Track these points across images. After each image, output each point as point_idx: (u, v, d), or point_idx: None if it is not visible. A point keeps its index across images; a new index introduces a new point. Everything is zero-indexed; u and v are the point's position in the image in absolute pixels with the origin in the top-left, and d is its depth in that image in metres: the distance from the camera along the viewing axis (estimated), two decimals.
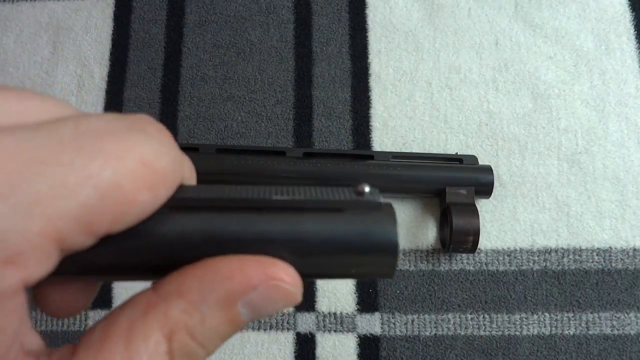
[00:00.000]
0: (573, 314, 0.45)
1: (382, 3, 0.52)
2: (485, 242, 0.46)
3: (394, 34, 0.52)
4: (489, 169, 0.46)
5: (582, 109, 0.50)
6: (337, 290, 0.46)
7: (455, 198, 0.44)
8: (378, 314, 0.45)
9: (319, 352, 0.44)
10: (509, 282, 0.46)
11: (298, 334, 0.45)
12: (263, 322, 0.45)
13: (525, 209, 0.47)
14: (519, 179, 0.48)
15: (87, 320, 0.45)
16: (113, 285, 0.46)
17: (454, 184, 0.45)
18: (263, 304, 0.15)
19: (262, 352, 0.44)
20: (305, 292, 0.45)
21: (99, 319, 0.15)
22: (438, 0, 0.52)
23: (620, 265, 0.46)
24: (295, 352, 0.45)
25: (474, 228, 0.43)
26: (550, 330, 0.45)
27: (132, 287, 0.45)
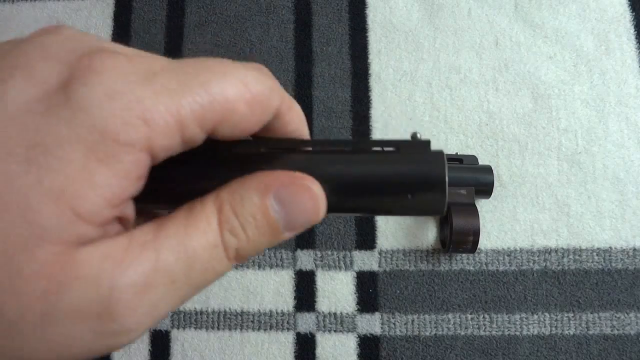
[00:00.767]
0: (573, 314, 0.45)
1: (382, 3, 0.52)
2: (485, 242, 0.46)
3: (394, 34, 0.52)
4: (489, 169, 0.46)
5: (582, 109, 0.50)
6: (337, 291, 0.46)
7: (455, 198, 0.44)
8: (378, 314, 0.45)
9: (319, 352, 0.44)
10: (509, 282, 0.46)
11: (298, 334, 0.45)
12: (263, 322, 0.45)
13: (525, 209, 0.47)
14: (519, 179, 0.48)
15: None
16: None
17: (454, 184, 0.45)
18: (292, 203, 0.19)
19: (262, 352, 0.44)
20: (306, 291, 0.46)
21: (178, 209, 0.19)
22: (438, 0, 0.52)
23: (620, 265, 0.46)
24: (295, 352, 0.45)
25: (474, 228, 0.43)
26: (550, 330, 0.45)
27: None
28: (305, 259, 0.46)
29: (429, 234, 0.47)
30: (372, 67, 0.51)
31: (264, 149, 0.21)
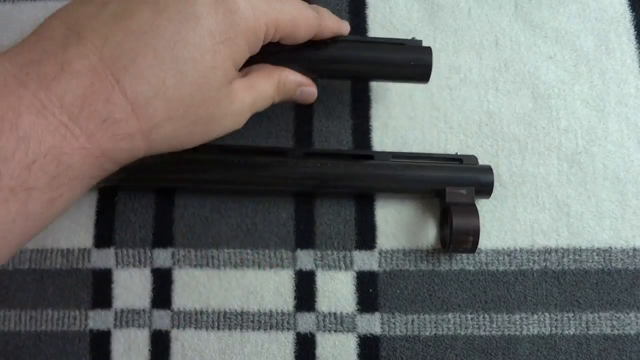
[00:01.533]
0: (573, 314, 0.45)
1: (382, 3, 0.52)
2: (485, 242, 0.46)
3: (394, 34, 0.52)
4: (489, 169, 0.46)
5: (582, 109, 0.50)
6: (337, 290, 0.46)
7: (455, 198, 0.44)
8: (378, 314, 0.45)
9: (319, 352, 0.44)
10: (509, 282, 0.46)
11: (298, 334, 0.45)
12: (263, 322, 0.45)
13: (525, 209, 0.47)
14: (519, 179, 0.48)
15: (87, 320, 0.45)
16: (113, 285, 0.46)
17: (454, 184, 0.45)
18: (304, 95, 0.43)
19: (262, 352, 0.45)
20: (306, 291, 0.46)
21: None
22: (438, 0, 0.52)
23: (620, 265, 0.46)
24: (295, 352, 0.45)
25: (474, 228, 0.43)
26: (550, 330, 0.45)
27: (131, 286, 0.45)
28: (305, 259, 0.46)
29: (429, 234, 0.47)
30: None
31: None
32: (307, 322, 0.45)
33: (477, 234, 0.43)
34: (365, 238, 0.47)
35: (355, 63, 0.41)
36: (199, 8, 0.30)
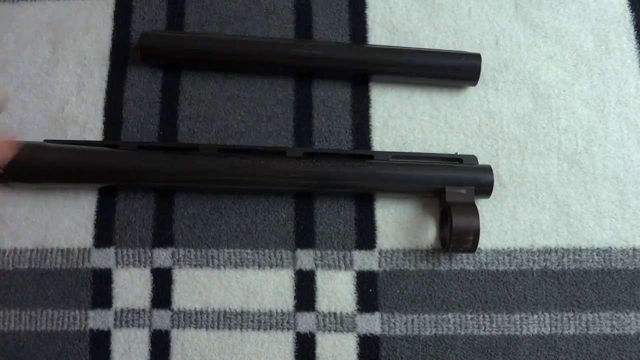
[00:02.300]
0: (573, 314, 0.45)
1: (382, 3, 0.52)
2: (485, 242, 0.46)
3: (394, 34, 0.52)
4: (489, 169, 0.46)
5: (582, 109, 0.50)
6: (337, 290, 0.46)
7: (455, 198, 0.44)
8: (378, 314, 0.45)
9: (319, 351, 0.44)
10: (509, 282, 0.46)
11: (298, 334, 0.45)
12: (263, 321, 0.45)
13: (525, 209, 0.47)
14: (519, 179, 0.48)
15: (87, 320, 0.45)
16: (113, 285, 0.46)
17: (454, 184, 0.45)
18: None
19: (262, 351, 0.45)
20: (306, 291, 0.46)
21: None
22: (438, 0, 0.52)
23: (620, 265, 0.46)
24: (295, 351, 0.45)
25: (474, 227, 0.43)
26: (550, 330, 0.45)
27: (131, 286, 0.45)
28: (305, 259, 0.46)
29: (429, 234, 0.47)
30: None
31: None
32: (307, 322, 0.45)
33: (477, 234, 0.43)
34: (365, 238, 0.47)
35: None
36: None
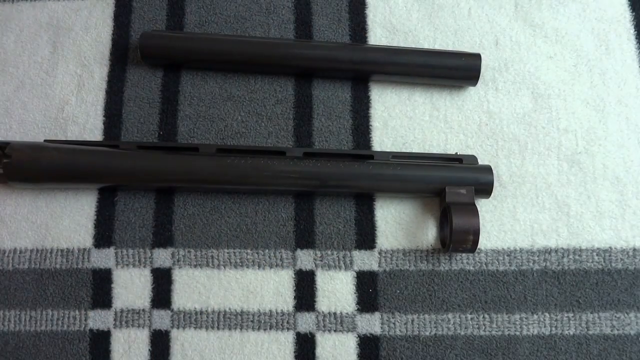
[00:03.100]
0: (573, 314, 0.45)
1: (382, 3, 0.52)
2: (485, 242, 0.46)
3: (394, 34, 0.52)
4: (489, 169, 0.46)
5: (582, 109, 0.50)
6: (337, 290, 0.46)
7: (455, 198, 0.44)
8: (378, 314, 0.45)
9: (319, 352, 0.44)
10: (509, 282, 0.46)
11: (298, 334, 0.45)
12: (263, 322, 0.45)
13: (525, 209, 0.47)
14: (519, 179, 0.48)
15: (87, 320, 0.45)
16: (113, 285, 0.46)
17: (454, 184, 0.45)
18: None
19: (262, 352, 0.45)
20: (306, 291, 0.46)
21: None
22: (438, 0, 0.52)
23: (620, 265, 0.46)
24: (295, 352, 0.45)
25: (474, 227, 0.43)
26: (550, 330, 0.45)
27: (131, 286, 0.45)
28: (305, 259, 0.46)
29: (429, 234, 0.47)
30: None
31: None
32: (307, 322, 0.45)
33: (477, 234, 0.43)
34: (365, 238, 0.47)
35: None
36: None
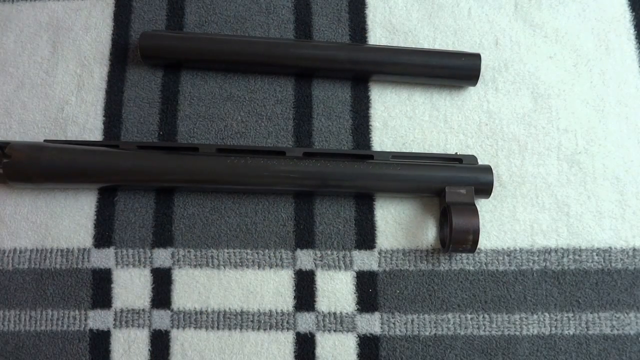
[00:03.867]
0: (573, 314, 0.45)
1: (382, 3, 0.52)
2: (485, 242, 0.46)
3: (394, 34, 0.52)
4: (489, 169, 0.46)
5: (582, 109, 0.50)
6: (336, 290, 0.46)
7: (455, 198, 0.44)
8: (378, 314, 0.45)
9: (319, 352, 0.44)
10: (509, 282, 0.46)
11: (298, 334, 0.45)
12: (263, 322, 0.45)
13: (525, 209, 0.47)
14: (519, 179, 0.48)
15: (87, 320, 0.45)
16: (113, 285, 0.46)
17: (454, 184, 0.45)
18: None
19: (262, 352, 0.45)
20: (305, 291, 0.46)
21: None
22: (438, 0, 0.52)
23: (620, 265, 0.46)
24: (295, 351, 0.45)
25: (474, 227, 0.43)
26: (550, 330, 0.45)
27: (131, 286, 0.45)
28: (305, 259, 0.46)
29: (429, 234, 0.47)
30: None
31: None
32: (307, 322, 0.45)
33: (476, 234, 0.43)
34: (365, 238, 0.47)
35: None
36: None
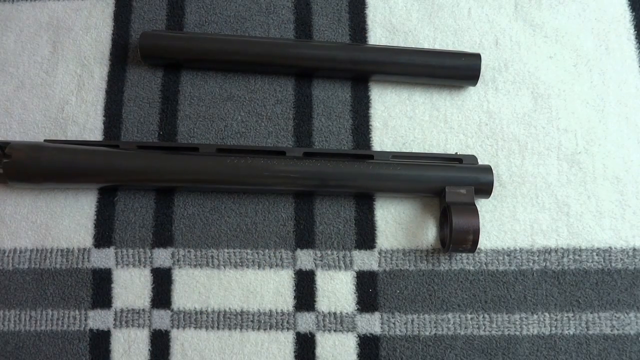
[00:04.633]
0: (573, 314, 0.45)
1: (382, 3, 0.52)
2: (485, 242, 0.46)
3: (394, 34, 0.52)
4: (489, 169, 0.46)
5: (582, 109, 0.50)
6: (337, 290, 0.46)
7: (455, 197, 0.44)
8: (378, 314, 0.45)
9: (319, 351, 0.44)
10: (509, 282, 0.46)
11: (298, 334, 0.45)
12: (263, 322, 0.45)
13: (525, 209, 0.47)
14: (519, 179, 0.48)
15: (87, 320, 0.45)
16: (113, 285, 0.46)
17: (454, 184, 0.45)
18: None
19: (262, 351, 0.45)
20: (306, 291, 0.46)
21: None
22: (438, 0, 0.52)
23: (620, 265, 0.46)
24: (295, 351, 0.45)
25: (474, 227, 0.43)
26: (550, 330, 0.45)
27: (131, 286, 0.45)
28: (305, 259, 0.46)
29: (429, 234, 0.47)
30: None
31: None
32: (307, 321, 0.45)
33: (477, 234, 0.43)
34: (365, 238, 0.47)
35: None
36: None
